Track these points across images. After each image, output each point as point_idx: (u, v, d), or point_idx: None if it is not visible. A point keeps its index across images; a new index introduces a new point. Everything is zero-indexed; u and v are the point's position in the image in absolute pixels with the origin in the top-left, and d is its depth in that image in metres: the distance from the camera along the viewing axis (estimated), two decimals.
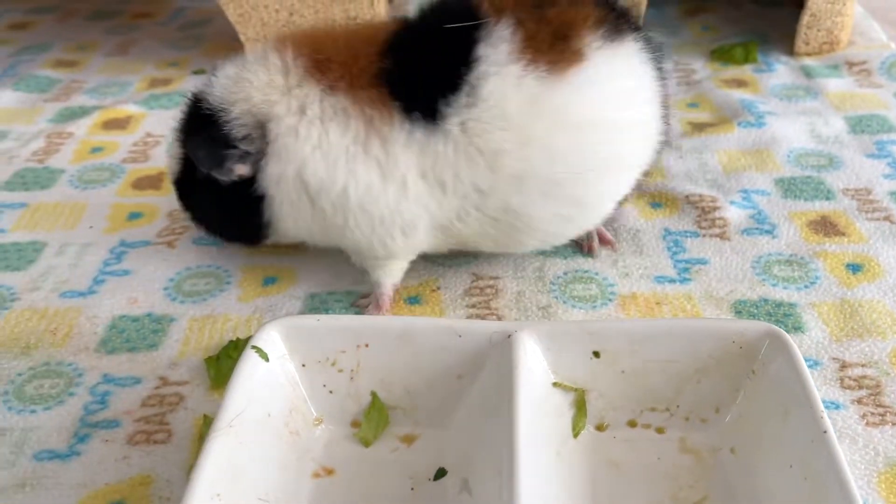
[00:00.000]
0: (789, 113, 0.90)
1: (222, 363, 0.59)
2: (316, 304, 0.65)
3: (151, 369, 0.59)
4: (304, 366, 0.51)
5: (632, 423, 0.51)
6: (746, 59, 1.04)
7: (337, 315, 0.61)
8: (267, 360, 0.49)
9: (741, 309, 0.63)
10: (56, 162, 0.84)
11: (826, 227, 0.72)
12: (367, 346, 0.51)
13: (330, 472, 0.49)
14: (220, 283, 0.67)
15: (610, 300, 0.64)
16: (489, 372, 0.50)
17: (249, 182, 0.61)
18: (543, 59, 0.58)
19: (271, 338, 0.50)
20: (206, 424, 0.53)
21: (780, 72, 1.00)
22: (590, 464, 0.49)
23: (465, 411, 0.50)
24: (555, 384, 0.50)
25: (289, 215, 0.62)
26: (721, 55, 1.05)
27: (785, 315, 0.62)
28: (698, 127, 0.89)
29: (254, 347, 0.49)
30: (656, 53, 0.65)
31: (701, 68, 1.02)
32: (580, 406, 0.50)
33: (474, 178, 0.59)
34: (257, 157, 0.61)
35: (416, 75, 0.60)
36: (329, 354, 0.51)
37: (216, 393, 0.57)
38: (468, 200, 0.60)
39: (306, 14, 0.93)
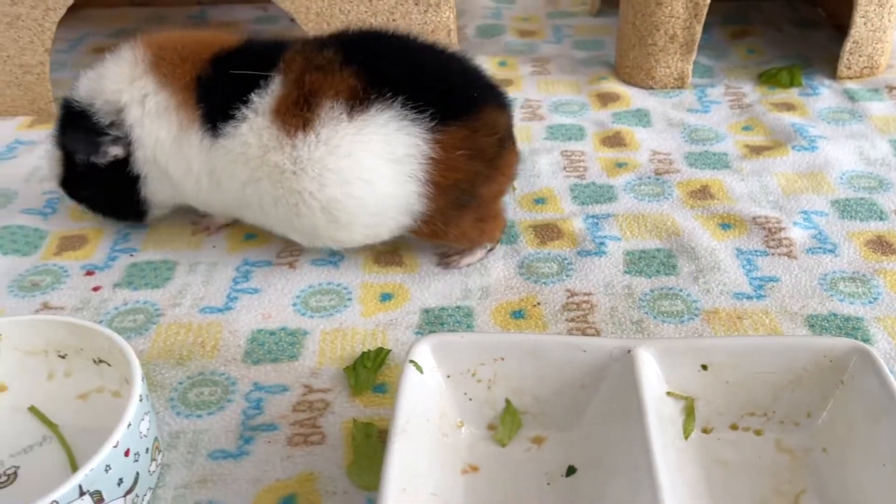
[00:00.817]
0: (838, 136, 0.98)
1: (359, 372, 0.66)
2: (431, 319, 0.72)
3: (295, 378, 0.67)
4: (448, 376, 0.58)
5: (734, 427, 0.58)
6: (792, 83, 1.11)
7: (477, 333, 0.69)
8: (422, 372, 0.57)
9: (814, 323, 0.70)
10: None
11: (882, 245, 0.79)
12: (502, 359, 0.58)
13: (475, 469, 0.57)
14: (343, 300, 0.75)
15: (695, 315, 0.72)
16: (610, 383, 0.57)
17: (124, 164, 0.76)
18: (281, 118, 0.69)
19: (424, 352, 0.57)
20: (358, 428, 0.61)
21: (825, 95, 1.07)
22: (701, 462, 0.56)
23: (588, 417, 0.58)
24: (668, 393, 0.58)
25: (159, 190, 0.78)
26: (768, 79, 1.12)
27: (853, 329, 0.70)
28: (755, 150, 0.96)
29: (411, 361, 0.56)
30: (426, 114, 0.68)
31: (750, 91, 1.10)
32: (690, 412, 0.58)
33: (232, 189, 0.73)
34: (126, 141, 0.75)
35: (213, 93, 0.72)
36: (470, 367, 0.59)
37: (357, 399, 0.65)
38: (237, 201, 0.74)
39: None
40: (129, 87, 0.74)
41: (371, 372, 0.66)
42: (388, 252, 0.80)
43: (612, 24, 1.31)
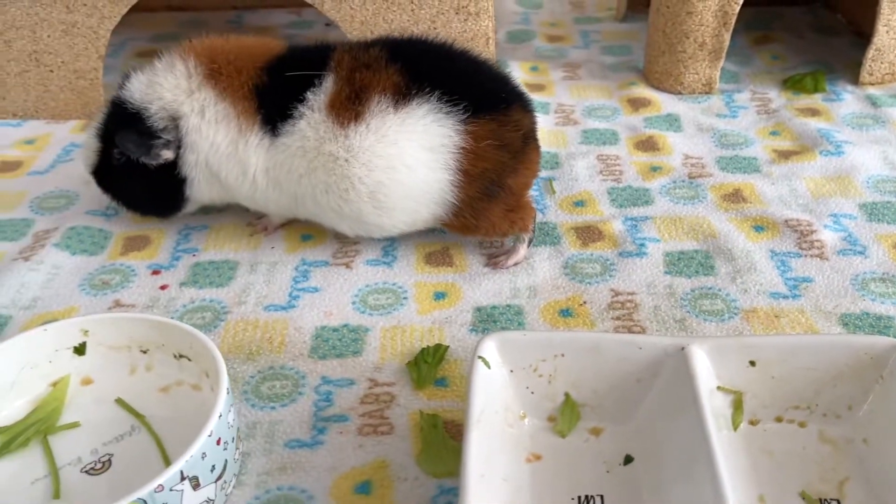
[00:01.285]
0: (862, 141, 1.02)
1: (421, 367, 0.70)
2: (483, 317, 0.76)
3: (360, 372, 0.71)
4: (511, 371, 0.63)
5: (778, 419, 0.62)
6: (816, 89, 1.15)
7: (539, 331, 0.73)
8: (489, 367, 0.61)
9: (847, 322, 0.74)
10: None
11: None
12: (562, 355, 0.62)
13: (538, 457, 0.61)
14: (399, 299, 0.79)
15: (735, 314, 0.76)
16: (665, 378, 0.61)
17: (172, 166, 0.81)
18: (336, 112, 0.76)
19: (490, 348, 0.61)
20: (425, 419, 0.65)
21: (848, 101, 1.11)
22: (749, 452, 0.60)
23: (644, 409, 0.62)
24: (718, 388, 0.62)
25: (204, 191, 0.83)
26: (793, 85, 1.16)
27: (885, 327, 0.74)
28: (784, 154, 1.00)
29: (480, 357, 0.60)
30: (459, 107, 0.76)
31: (776, 97, 1.14)
32: (738, 405, 0.62)
33: (290, 185, 0.79)
34: (177, 145, 0.80)
35: (272, 98, 0.78)
36: (532, 362, 0.63)
37: (420, 392, 0.69)
38: (291, 195, 0.80)
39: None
40: (187, 100, 0.79)
41: (432, 367, 0.70)
42: (439, 252, 0.84)
43: (638, 29, 1.35)
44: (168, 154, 0.80)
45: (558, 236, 0.86)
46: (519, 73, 1.19)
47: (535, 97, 1.13)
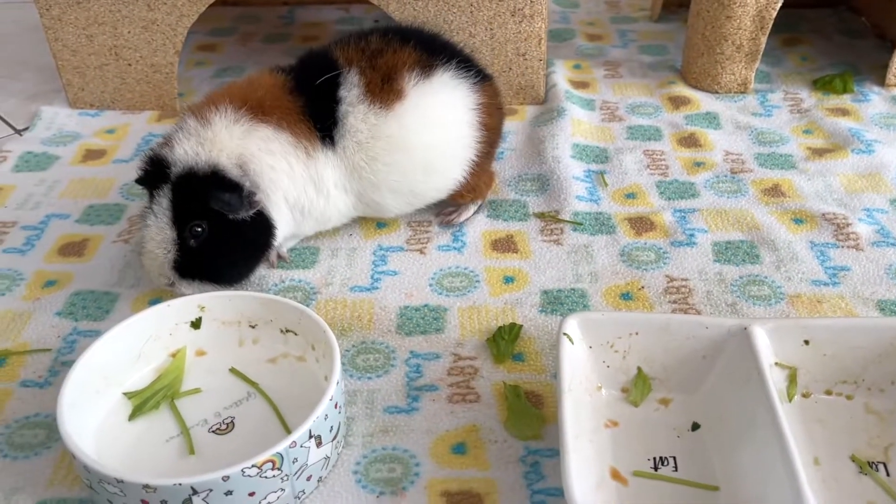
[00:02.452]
0: (891, 140, 1.09)
1: (499, 343, 0.77)
2: (550, 299, 0.84)
3: (444, 347, 0.78)
4: (590, 347, 0.70)
5: (828, 392, 0.70)
6: (845, 90, 1.22)
7: (616, 312, 0.80)
8: (573, 343, 0.68)
9: (884, 307, 0.82)
10: None
11: None
12: (636, 333, 0.70)
13: (615, 423, 0.68)
14: (472, 282, 0.86)
15: (781, 299, 0.83)
16: (728, 354, 0.69)
17: (255, 216, 0.79)
18: (377, 98, 0.83)
19: (573, 326, 0.69)
20: (509, 389, 0.73)
21: (875, 102, 1.18)
22: (802, 421, 0.68)
23: (709, 382, 0.69)
24: (776, 364, 0.69)
25: (284, 227, 0.83)
26: (823, 85, 1.23)
27: None
28: (818, 152, 1.07)
29: (565, 334, 0.68)
30: (471, 71, 0.89)
31: (807, 97, 1.20)
32: (792, 380, 0.69)
33: (354, 183, 0.85)
34: (255, 191, 0.78)
35: (318, 111, 0.82)
36: (609, 339, 0.70)
37: (501, 366, 0.76)
38: (357, 198, 0.87)
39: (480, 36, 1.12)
40: (250, 142, 0.79)
41: (509, 343, 0.78)
42: (504, 240, 0.92)
43: (672, 29, 1.42)
44: (258, 197, 0.79)
45: (613, 226, 0.94)
46: (563, 71, 1.26)
47: (581, 94, 1.20)
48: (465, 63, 0.89)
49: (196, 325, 0.75)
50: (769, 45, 1.34)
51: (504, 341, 0.78)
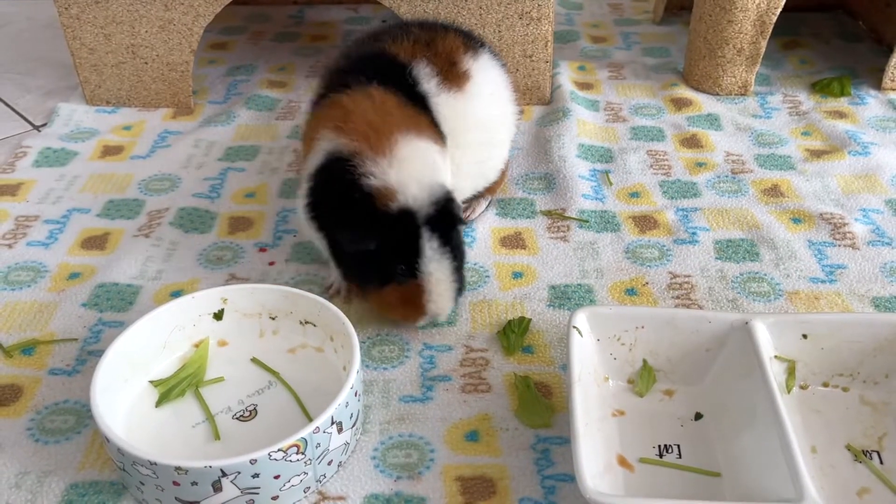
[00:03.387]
0: (887, 143, 1.12)
1: (509, 336, 0.80)
2: (558, 294, 0.87)
3: (457, 339, 0.81)
4: (598, 340, 0.73)
5: (825, 384, 0.73)
6: (842, 93, 1.25)
7: (623, 306, 0.83)
8: (582, 336, 0.71)
9: (878, 304, 0.85)
10: None
11: None
12: (643, 327, 0.73)
13: (622, 413, 0.71)
14: (482, 277, 0.89)
15: (780, 295, 0.86)
16: (730, 347, 0.72)
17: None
18: (451, 83, 0.85)
19: (581, 320, 0.72)
20: (519, 380, 0.76)
21: (872, 105, 1.21)
22: (800, 411, 0.71)
23: (711, 374, 0.73)
24: (775, 357, 0.72)
25: None
26: (821, 88, 1.26)
27: None
28: (816, 153, 1.10)
29: (574, 327, 0.71)
30: (496, 55, 0.94)
31: (805, 100, 1.24)
32: (791, 372, 0.73)
33: (456, 170, 0.86)
34: None
35: (425, 109, 0.83)
36: (616, 333, 0.73)
37: (511, 358, 0.79)
38: (462, 178, 0.88)
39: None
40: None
41: (518, 336, 0.81)
42: (512, 237, 0.95)
43: (675, 31, 1.45)
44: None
45: (618, 224, 0.97)
46: (568, 72, 1.29)
47: (586, 95, 1.23)
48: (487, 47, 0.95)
49: (218, 316, 0.77)
50: (769, 49, 1.37)
51: (514, 334, 0.81)
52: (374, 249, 0.75)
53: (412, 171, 0.75)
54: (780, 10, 1.16)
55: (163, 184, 1.04)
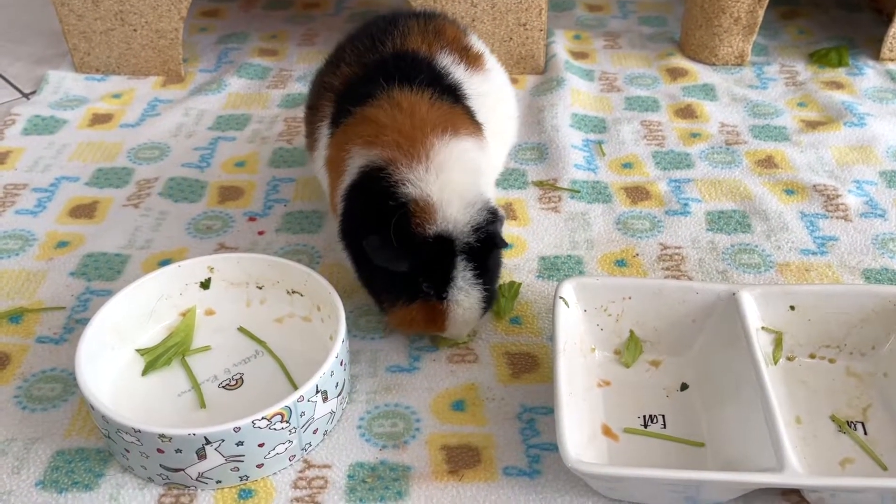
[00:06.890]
0: (883, 114, 1.11)
1: (499, 301, 0.80)
2: (548, 265, 0.86)
3: None
4: (585, 311, 0.73)
5: (812, 356, 0.73)
6: (840, 63, 1.23)
7: (610, 277, 0.83)
8: (568, 306, 0.71)
9: (869, 276, 0.85)
10: (301, 143, 1.05)
11: None
12: (630, 298, 0.73)
13: (608, 383, 0.71)
14: None
15: (770, 267, 0.86)
16: (717, 318, 0.72)
17: None
18: (472, 67, 0.85)
19: (568, 290, 0.72)
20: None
21: (870, 75, 1.20)
22: (786, 383, 0.71)
23: (698, 345, 0.73)
24: (762, 328, 0.72)
25: None
26: (818, 59, 1.25)
27: None
28: (811, 125, 1.09)
29: (561, 297, 0.71)
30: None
31: (802, 70, 1.22)
32: (778, 343, 0.72)
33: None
34: None
35: (464, 100, 0.80)
36: (603, 303, 0.73)
37: (498, 329, 0.79)
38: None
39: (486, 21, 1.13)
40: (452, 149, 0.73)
41: (509, 301, 0.81)
42: (503, 207, 0.94)
43: (671, 0, 1.43)
44: None
45: (610, 195, 0.96)
46: (563, 41, 1.27)
47: (580, 64, 1.22)
48: None
49: (205, 285, 0.77)
50: (767, 18, 1.35)
51: (504, 299, 0.81)
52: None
53: (452, 181, 0.69)
54: None
55: (152, 152, 1.03)
